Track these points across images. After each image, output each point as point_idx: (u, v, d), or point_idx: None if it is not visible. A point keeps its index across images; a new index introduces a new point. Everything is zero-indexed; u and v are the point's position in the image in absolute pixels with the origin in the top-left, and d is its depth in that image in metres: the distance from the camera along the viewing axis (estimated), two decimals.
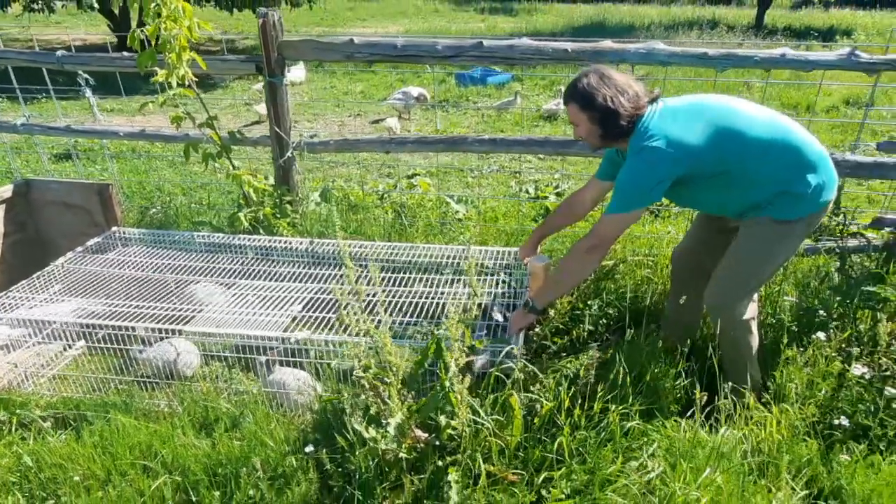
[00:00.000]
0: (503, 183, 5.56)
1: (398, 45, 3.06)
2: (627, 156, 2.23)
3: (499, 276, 2.92)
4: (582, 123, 2.25)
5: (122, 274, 2.93)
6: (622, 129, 2.18)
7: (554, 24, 18.13)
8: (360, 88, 9.34)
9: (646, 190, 2.16)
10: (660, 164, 2.11)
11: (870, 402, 2.35)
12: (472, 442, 2.07)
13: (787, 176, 2.18)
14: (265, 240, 3.18)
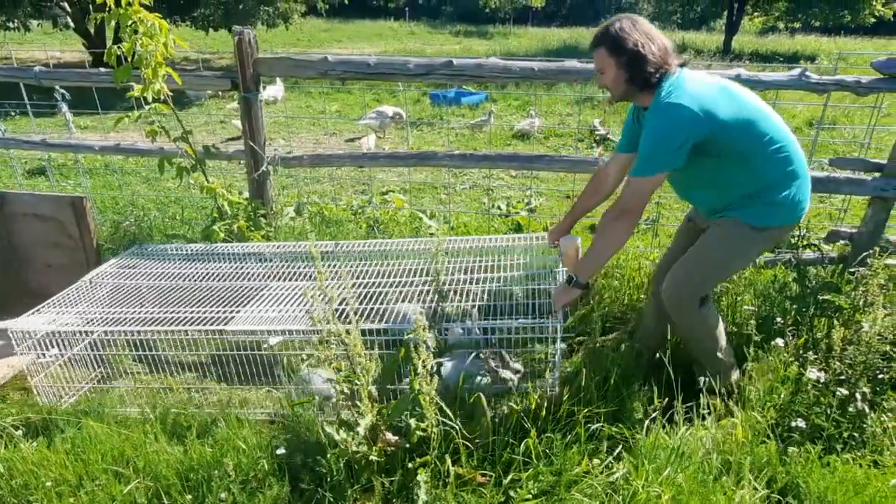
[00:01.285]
0: (476, 199, 5.66)
1: (371, 64, 3.16)
2: (649, 114, 2.22)
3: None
4: (609, 69, 2.24)
5: (175, 284, 2.94)
6: (648, 77, 2.17)
7: (528, 47, 18.51)
8: (336, 108, 9.43)
9: (669, 150, 2.15)
10: (684, 122, 2.11)
11: (825, 404, 2.45)
12: (443, 444, 2.12)
13: (780, 180, 2.25)
14: (291, 245, 3.22)
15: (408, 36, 22.06)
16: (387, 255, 3.10)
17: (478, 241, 3.16)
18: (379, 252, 3.11)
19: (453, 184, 6.10)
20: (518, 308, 2.70)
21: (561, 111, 9.24)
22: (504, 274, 2.85)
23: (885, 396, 2.46)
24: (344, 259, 3.08)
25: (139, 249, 3.25)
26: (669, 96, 2.14)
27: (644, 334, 2.85)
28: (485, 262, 2.95)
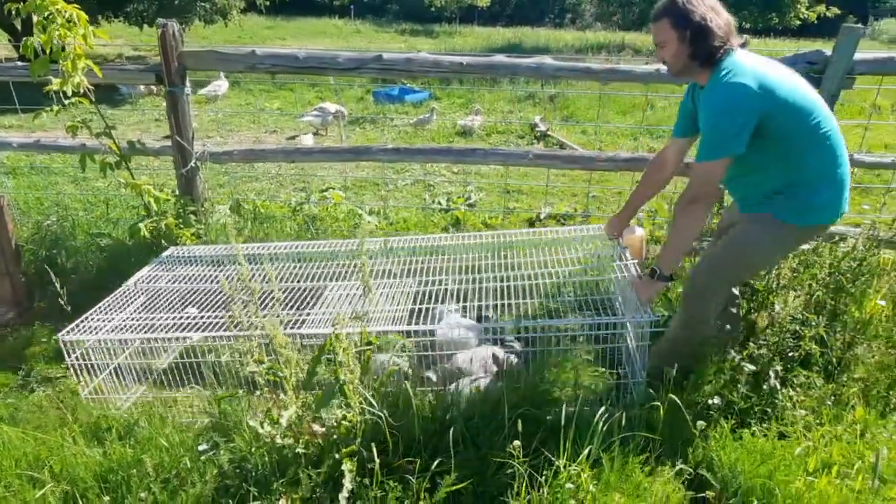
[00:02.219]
0: (417, 195, 5.68)
1: (300, 57, 3.14)
2: (707, 94, 2.17)
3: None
4: (670, 43, 2.16)
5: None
6: (712, 52, 2.11)
7: (473, 46, 18.64)
8: (278, 105, 9.29)
9: (731, 132, 2.08)
10: (745, 101, 2.05)
11: (741, 383, 2.57)
12: (372, 434, 2.13)
13: (821, 173, 2.21)
14: (326, 244, 3.17)
15: (353, 34, 21.87)
16: (433, 251, 3.07)
17: (528, 236, 3.11)
18: (428, 248, 3.07)
19: (395, 180, 6.10)
20: (581, 303, 2.64)
21: (503, 108, 9.35)
22: (560, 269, 2.78)
23: (795, 373, 2.60)
24: (386, 256, 3.05)
25: (175, 252, 3.13)
26: (729, 75, 2.08)
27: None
28: (538, 258, 2.90)
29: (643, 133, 8.03)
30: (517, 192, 5.87)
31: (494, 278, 2.73)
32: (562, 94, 9.43)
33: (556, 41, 19.70)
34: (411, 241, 3.15)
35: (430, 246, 3.07)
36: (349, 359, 2.01)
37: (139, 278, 2.90)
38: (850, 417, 2.45)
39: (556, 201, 5.59)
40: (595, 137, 7.85)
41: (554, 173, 6.47)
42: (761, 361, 2.64)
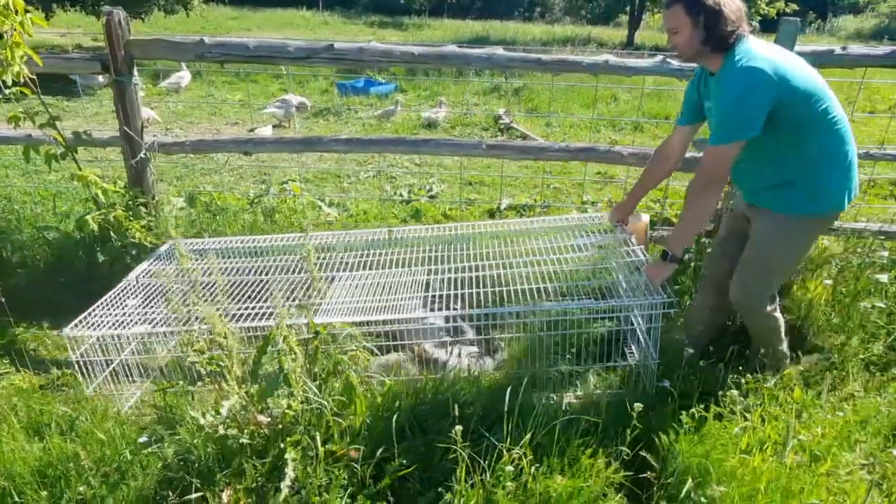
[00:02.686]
0: (379, 187, 5.67)
1: (250, 47, 3.10)
2: (722, 79, 2.18)
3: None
4: (683, 28, 2.17)
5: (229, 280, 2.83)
6: (724, 37, 2.13)
7: (441, 38, 18.59)
8: (240, 97, 9.16)
9: (746, 115, 2.10)
10: (761, 86, 2.07)
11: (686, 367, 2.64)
12: (318, 422, 2.14)
13: (830, 158, 2.24)
14: (326, 235, 3.14)
15: (321, 26, 21.61)
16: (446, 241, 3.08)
17: (532, 224, 3.14)
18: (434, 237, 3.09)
19: (357, 172, 6.07)
20: (586, 289, 2.65)
21: (468, 101, 9.36)
22: (566, 256, 2.80)
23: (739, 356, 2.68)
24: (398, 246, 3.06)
25: (171, 249, 3.07)
26: (743, 60, 2.10)
27: (690, 318, 2.87)
28: (545, 244, 2.93)
29: (606, 125, 8.14)
30: (479, 183, 5.90)
31: (498, 266, 2.76)
32: (527, 86, 9.48)
33: (523, 35, 19.77)
34: (416, 230, 3.20)
35: (435, 236, 3.12)
36: (292, 348, 2.00)
37: (140, 273, 2.86)
38: (788, 399, 2.53)
39: (516, 192, 5.63)
40: (559, 129, 7.92)
41: (517, 165, 6.51)
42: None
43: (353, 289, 2.78)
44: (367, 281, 2.84)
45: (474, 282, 2.66)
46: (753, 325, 2.60)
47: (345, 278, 2.87)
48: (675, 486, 2.01)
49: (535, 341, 2.53)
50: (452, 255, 2.95)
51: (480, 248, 2.97)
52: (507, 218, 4.82)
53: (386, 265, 2.96)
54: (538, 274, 2.66)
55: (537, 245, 2.94)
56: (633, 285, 2.53)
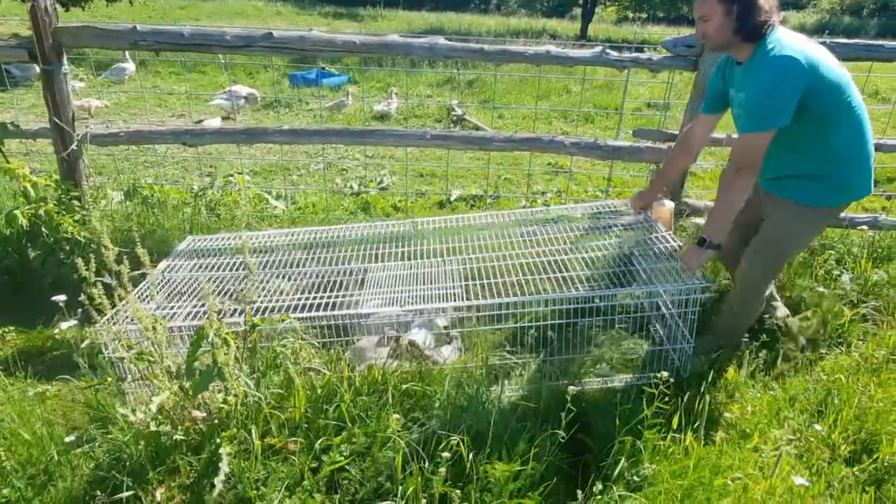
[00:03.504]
0: (329, 180, 5.61)
1: (185, 34, 3.02)
2: (753, 68, 2.18)
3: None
4: (715, 17, 2.17)
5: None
6: (757, 27, 2.14)
7: (396, 30, 18.46)
8: (187, 88, 8.92)
9: (778, 105, 2.12)
10: (792, 74, 2.09)
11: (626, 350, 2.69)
12: (256, 416, 2.11)
13: (848, 151, 2.28)
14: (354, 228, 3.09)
15: (274, 16, 21.17)
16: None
17: (557, 212, 3.14)
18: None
19: (307, 164, 5.99)
20: (617, 276, 2.66)
21: (422, 93, 9.33)
22: (596, 243, 2.81)
23: None
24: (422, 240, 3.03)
25: (192, 242, 3.03)
26: (776, 49, 2.11)
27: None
28: (572, 232, 2.94)
29: (558, 116, 8.22)
30: (430, 175, 5.89)
31: (529, 255, 2.76)
32: (480, 78, 9.50)
33: (478, 27, 19.79)
34: (457, 220, 3.20)
35: (474, 225, 3.12)
36: (227, 341, 1.97)
37: (163, 268, 2.80)
38: (721, 380, 2.61)
39: (468, 184, 5.65)
40: (511, 121, 7.97)
41: (469, 156, 6.53)
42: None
43: (389, 280, 2.78)
44: (402, 272, 2.83)
45: (504, 271, 2.67)
46: (742, 300, 2.62)
47: (377, 270, 2.86)
48: (610, 467, 2.05)
49: (566, 329, 2.54)
50: (480, 244, 2.96)
51: (506, 238, 2.97)
52: (455, 209, 4.84)
53: (416, 256, 2.95)
54: (570, 261, 2.68)
55: (562, 233, 2.95)
56: (664, 271, 2.54)
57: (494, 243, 2.95)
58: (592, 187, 5.55)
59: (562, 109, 8.22)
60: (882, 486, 2.17)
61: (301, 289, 2.71)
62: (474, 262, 2.80)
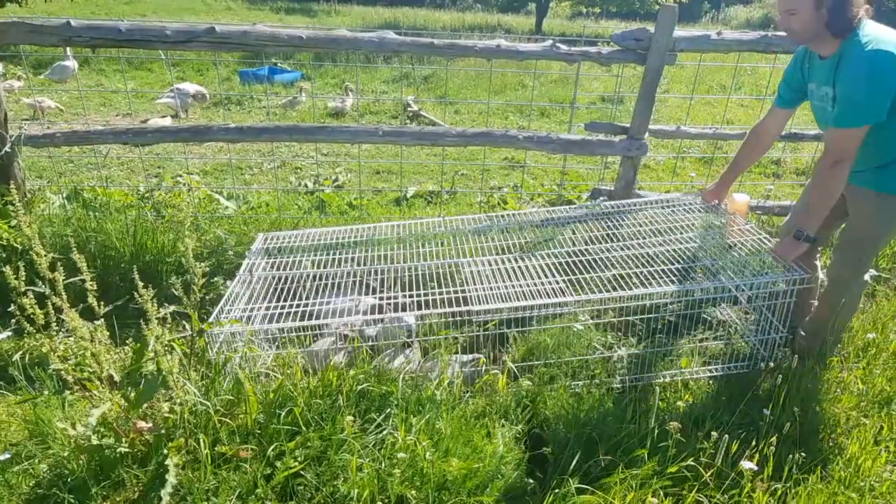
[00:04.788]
0: (284, 178, 5.50)
1: (122, 30, 2.90)
2: (851, 63, 2.14)
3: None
4: (804, 10, 2.13)
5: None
6: (847, 22, 2.11)
7: (350, 25, 18.25)
8: (133, 86, 8.64)
9: (876, 101, 2.10)
10: (891, 71, 2.07)
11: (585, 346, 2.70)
12: (205, 424, 2.04)
13: None
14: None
15: (223, 12, 20.67)
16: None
17: (632, 207, 3.18)
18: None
19: (260, 163, 5.87)
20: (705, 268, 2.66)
21: (377, 89, 9.25)
22: (678, 236, 2.83)
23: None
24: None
25: (265, 239, 3.06)
26: (871, 44, 2.08)
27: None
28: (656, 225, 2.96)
29: (514, 111, 8.25)
30: (387, 172, 5.84)
31: (623, 247, 2.82)
32: (436, 74, 9.48)
33: (433, 22, 19.74)
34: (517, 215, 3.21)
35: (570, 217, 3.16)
36: (173, 348, 1.90)
37: (247, 267, 2.83)
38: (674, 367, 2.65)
39: (424, 180, 5.62)
40: (468, 116, 7.96)
41: (426, 152, 6.50)
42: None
43: (491, 275, 2.73)
44: (497, 266, 2.80)
45: (600, 264, 2.70)
46: (836, 299, 2.61)
47: (470, 265, 2.83)
48: (568, 460, 2.06)
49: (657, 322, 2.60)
50: (574, 237, 3.00)
51: (595, 231, 3.00)
52: (412, 206, 4.81)
53: (502, 251, 2.95)
54: (664, 254, 2.71)
55: (648, 226, 2.98)
56: (756, 263, 2.57)
57: (585, 237, 2.99)
58: (548, 181, 5.59)
59: (517, 104, 8.25)
60: (828, 465, 2.24)
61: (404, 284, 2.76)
62: (576, 256, 2.83)
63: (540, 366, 2.54)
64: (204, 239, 3.48)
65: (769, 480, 2.08)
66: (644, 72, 3.27)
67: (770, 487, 2.06)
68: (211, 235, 3.54)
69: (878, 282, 3.56)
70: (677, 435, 2.09)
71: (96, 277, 2.55)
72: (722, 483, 2.04)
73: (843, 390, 2.57)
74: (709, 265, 2.65)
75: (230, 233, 3.60)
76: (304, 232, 3.13)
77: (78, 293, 2.03)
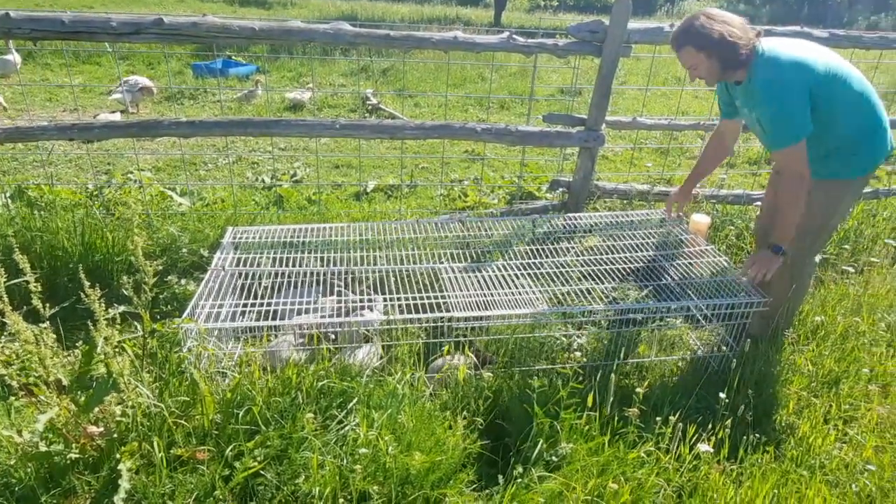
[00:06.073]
0: (240, 174, 5.39)
1: (65, 21, 2.78)
2: (755, 91, 2.31)
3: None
4: (700, 63, 2.34)
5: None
6: (742, 59, 2.29)
7: (306, 17, 17.98)
8: (81, 81, 8.33)
9: (798, 119, 2.26)
10: (795, 88, 2.23)
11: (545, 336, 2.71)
12: (160, 426, 1.98)
13: (863, 129, 2.41)
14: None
15: (176, 4, 20.04)
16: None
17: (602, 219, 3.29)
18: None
19: (215, 158, 5.73)
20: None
21: (335, 82, 9.13)
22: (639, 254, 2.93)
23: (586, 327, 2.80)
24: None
25: (233, 234, 2.98)
26: (770, 70, 2.26)
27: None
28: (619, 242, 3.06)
29: (474, 104, 8.25)
30: (346, 166, 5.78)
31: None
32: (395, 67, 9.40)
33: (392, 14, 19.57)
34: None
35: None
36: (114, 350, 1.84)
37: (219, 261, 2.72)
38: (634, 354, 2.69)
39: (384, 174, 5.58)
40: (427, 110, 7.93)
41: (386, 146, 6.45)
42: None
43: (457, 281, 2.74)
44: (467, 274, 2.81)
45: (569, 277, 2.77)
46: (788, 284, 2.71)
47: (450, 271, 2.81)
48: (529, 450, 2.07)
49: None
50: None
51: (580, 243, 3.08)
52: (372, 199, 4.77)
53: (473, 258, 2.98)
54: (622, 270, 2.86)
55: (613, 243, 3.10)
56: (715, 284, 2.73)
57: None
58: (509, 173, 5.61)
59: (477, 97, 8.26)
60: (781, 445, 2.31)
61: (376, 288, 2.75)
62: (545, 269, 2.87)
63: (501, 357, 2.55)
64: (156, 237, 3.38)
65: (725, 462, 2.13)
66: (600, 64, 3.30)
67: (726, 469, 2.11)
68: (164, 233, 3.45)
69: (826, 267, 3.69)
70: (637, 421, 2.12)
71: (42, 279, 2.46)
72: (681, 466, 2.08)
73: (795, 372, 2.65)
74: (673, 285, 2.78)
75: (184, 230, 3.50)
76: (274, 228, 3.06)
77: (24, 295, 1.94)
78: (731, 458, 2.16)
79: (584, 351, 2.55)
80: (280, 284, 2.77)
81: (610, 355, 2.55)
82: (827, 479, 2.15)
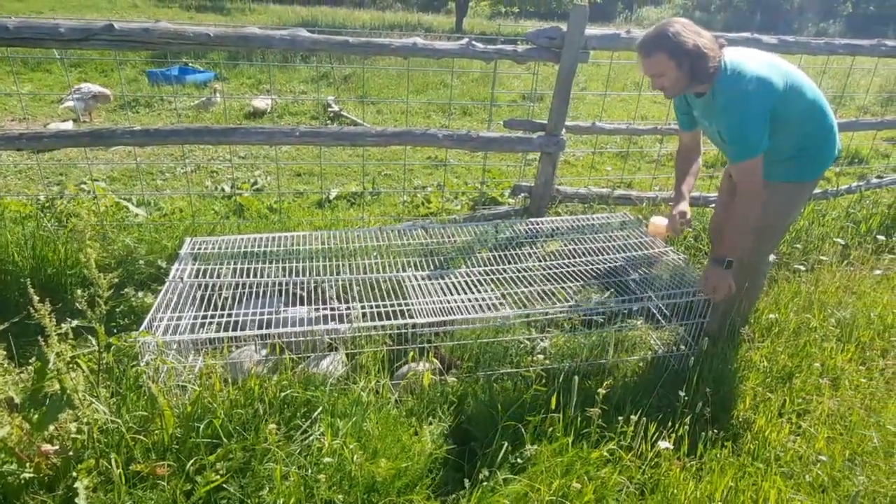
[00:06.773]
0: (199, 183, 5.29)
1: (10, 27, 2.70)
2: (719, 104, 2.34)
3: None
4: (669, 72, 2.32)
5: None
6: (709, 71, 2.30)
7: (264, 23, 17.78)
8: (30, 89, 8.08)
9: (757, 130, 2.29)
10: (756, 99, 2.26)
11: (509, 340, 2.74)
12: (118, 443, 1.93)
13: (818, 135, 2.49)
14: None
15: (129, 9, 19.63)
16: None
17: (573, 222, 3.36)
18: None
19: (173, 168, 5.62)
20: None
21: (295, 89, 9.06)
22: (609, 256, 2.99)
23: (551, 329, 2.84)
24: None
25: (192, 245, 2.92)
26: (733, 83, 2.29)
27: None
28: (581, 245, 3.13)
29: (436, 110, 8.28)
30: (308, 174, 5.73)
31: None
32: (356, 73, 9.37)
33: (352, 21, 19.52)
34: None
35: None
36: (67, 366, 1.79)
37: (178, 273, 2.66)
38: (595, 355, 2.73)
39: (346, 181, 5.55)
40: (390, 116, 7.92)
41: (349, 153, 6.42)
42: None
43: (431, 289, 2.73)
44: (429, 281, 2.79)
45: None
46: (753, 279, 2.77)
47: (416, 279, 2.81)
48: (494, 453, 2.08)
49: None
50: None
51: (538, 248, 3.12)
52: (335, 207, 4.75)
53: (437, 266, 2.97)
54: (586, 272, 2.92)
55: (574, 247, 3.15)
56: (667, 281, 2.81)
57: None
58: (472, 179, 5.64)
59: (439, 103, 8.28)
60: (738, 439, 2.38)
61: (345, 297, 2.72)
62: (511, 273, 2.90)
63: (466, 362, 2.56)
64: (112, 249, 3.30)
65: (685, 458, 2.18)
66: (559, 69, 3.35)
67: (686, 464, 2.16)
68: (119, 245, 3.36)
69: (779, 266, 3.81)
70: (599, 421, 2.16)
71: None
72: (642, 464, 2.12)
73: (751, 369, 2.73)
74: (633, 284, 2.84)
75: (140, 241, 3.43)
76: (234, 238, 3.01)
77: None
78: (691, 454, 2.21)
79: (546, 354, 2.58)
80: (241, 295, 2.73)
81: (572, 357, 2.58)
82: (782, 471, 2.22)
